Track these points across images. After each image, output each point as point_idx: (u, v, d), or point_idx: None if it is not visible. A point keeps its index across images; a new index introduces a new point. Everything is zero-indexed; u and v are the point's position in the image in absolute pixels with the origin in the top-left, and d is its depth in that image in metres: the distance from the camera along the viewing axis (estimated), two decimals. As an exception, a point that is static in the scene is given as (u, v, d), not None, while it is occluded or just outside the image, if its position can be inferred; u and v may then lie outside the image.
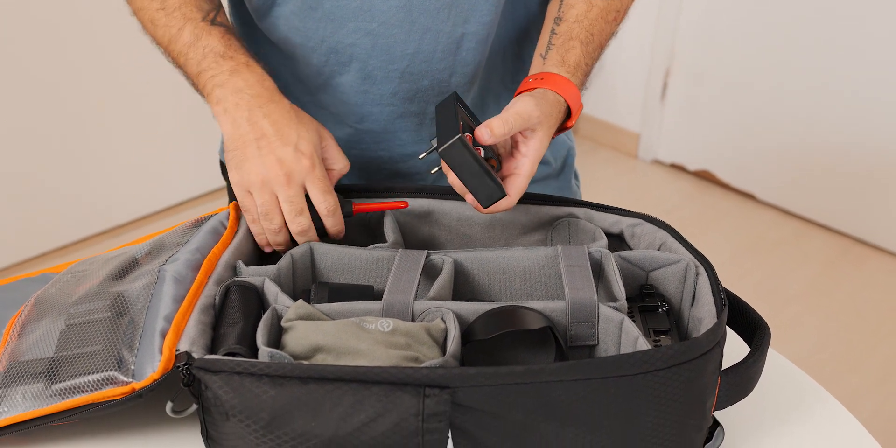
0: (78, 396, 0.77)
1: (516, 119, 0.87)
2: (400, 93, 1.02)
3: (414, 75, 1.01)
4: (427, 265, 0.89)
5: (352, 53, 0.99)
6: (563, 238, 0.97)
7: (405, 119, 1.05)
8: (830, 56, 2.52)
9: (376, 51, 0.99)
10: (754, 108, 2.75)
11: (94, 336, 0.81)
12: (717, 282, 0.84)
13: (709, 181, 2.95)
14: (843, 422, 0.89)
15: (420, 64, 1.00)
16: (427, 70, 1.01)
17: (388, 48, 0.98)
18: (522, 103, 0.89)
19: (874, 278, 2.52)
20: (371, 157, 1.09)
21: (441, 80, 1.02)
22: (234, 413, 0.72)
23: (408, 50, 0.99)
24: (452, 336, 0.78)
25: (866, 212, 2.61)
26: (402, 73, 1.01)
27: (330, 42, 0.99)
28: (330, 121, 1.06)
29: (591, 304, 0.82)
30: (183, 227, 0.94)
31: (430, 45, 0.99)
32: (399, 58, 0.99)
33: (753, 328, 0.85)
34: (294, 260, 0.90)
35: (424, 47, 0.99)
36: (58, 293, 0.91)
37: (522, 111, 0.88)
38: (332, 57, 1.00)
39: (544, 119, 0.90)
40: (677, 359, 0.72)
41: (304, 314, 0.80)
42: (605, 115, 3.13)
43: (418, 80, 1.01)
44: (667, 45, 2.87)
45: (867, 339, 2.30)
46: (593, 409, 0.72)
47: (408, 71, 1.01)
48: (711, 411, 0.79)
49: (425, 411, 0.71)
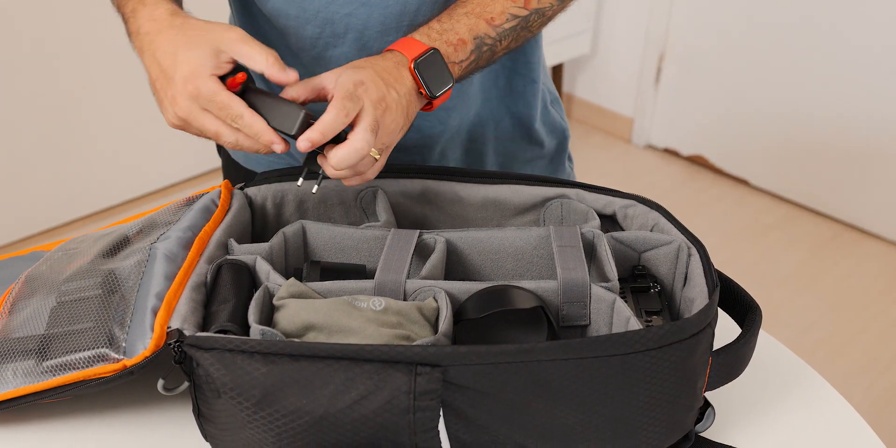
0: (69, 373, 0.77)
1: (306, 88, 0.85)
2: None
3: None
4: (419, 245, 0.88)
5: (347, 24, 0.99)
6: (555, 218, 0.97)
7: None
8: (823, 42, 2.52)
9: (372, 21, 0.98)
10: (748, 94, 2.75)
11: (86, 313, 0.81)
12: (708, 263, 0.84)
13: (701, 166, 2.95)
14: (833, 403, 0.89)
15: None
16: None
17: (383, 18, 0.98)
18: None
19: (864, 263, 2.53)
20: None
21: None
22: (226, 390, 0.72)
23: (403, 21, 0.98)
24: (444, 315, 0.78)
25: (857, 197, 2.62)
26: None
27: (325, 13, 0.98)
28: None
29: (583, 284, 0.82)
30: (174, 205, 0.94)
31: (426, 15, 0.98)
32: (395, 29, 0.99)
33: (745, 309, 0.85)
34: (286, 238, 0.89)
35: (420, 20, 0.98)
36: (48, 271, 0.90)
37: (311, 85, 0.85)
38: (328, 28, 0.99)
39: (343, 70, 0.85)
40: (668, 339, 0.73)
41: (296, 292, 0.80)
42: (598, 99, 3.13)
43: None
44: (661, 30, 2.86)
45: (856, 322, 2.31)
46: (584, 389, 0.73)
47: None
48: (702, 392, 0.79)
49: (417, 389, 0.71)
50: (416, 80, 0.88)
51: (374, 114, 0.82)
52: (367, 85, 0.83)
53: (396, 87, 0.86)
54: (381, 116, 0.83)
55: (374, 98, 0.83)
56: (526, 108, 1.13)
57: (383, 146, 0.85)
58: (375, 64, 0.87)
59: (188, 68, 0.82)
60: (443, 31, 0.92)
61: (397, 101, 0.85)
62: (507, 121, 1.13)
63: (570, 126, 3.14)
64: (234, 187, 0.97)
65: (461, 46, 0.92)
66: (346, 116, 0.81)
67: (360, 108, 0.82)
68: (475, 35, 0.93)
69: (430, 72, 0.89)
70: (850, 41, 2.47)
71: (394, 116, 0.85)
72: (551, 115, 1.18)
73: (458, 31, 0.92)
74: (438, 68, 0.89)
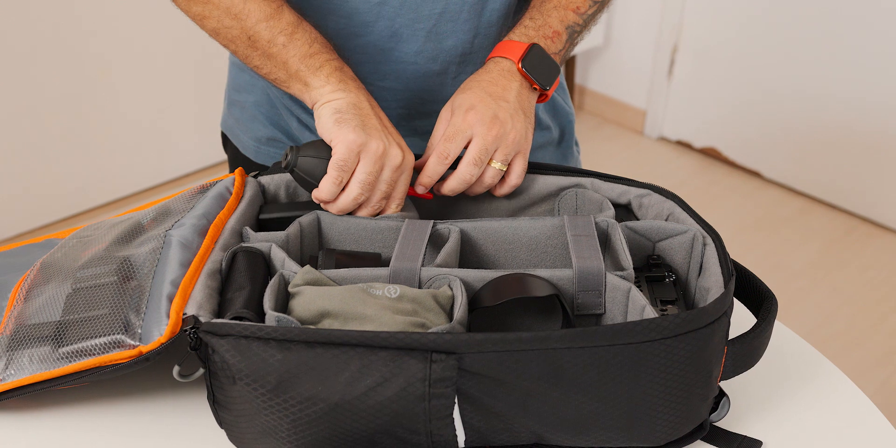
0: (85, 360, 0.77)
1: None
2: (424, 52, 1.02)
3: (439, 35, 1.01)
4: (433, 234, 0.88)
5: (379, 12, 0.99)
6: (570, 208, 0.97)
7: (427, 78, 1.05)
8: (838, 33, 2.50)
9: (404, 9, 0.99)
10: (761, 86, 2.73)
11: (101, 300, 0.81)
12: (724, 252, 0.83)
13: (714, 158, 2.94)
14: (849, 394, 0.89)
15: (446, 23, 1.01)
16: (452, 30, 1.01)
17: (416, 6, 0.98)
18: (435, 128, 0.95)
19: (879, 256, 2.52)
20: (390, 115, 1.08)
21: (465, 40, 1.03)
22: (241, 377, 0.72)
23: (435, 9, 0.99)
24: (459, 302, 0.78)
25: (872, 190, 2.61)
26: (429, 32, 1.01)
27: (353, 3, 0.98)
28: None
29: (599, 273, 0.81)
30: (188, 192, 0.94)
31: (457, 5, 1.00)
32: (427, 17, 1.00)
33: (760, 299, 0.85)
34: (302, 227, 0.89)
35: (451, 7, 0.99)
36: (63, 258, 0.91)
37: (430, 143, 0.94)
38: (355, 18, 1.00)
39: (463, 102, 0.92)
40: (684, 327, 0.72)
41: (312, 280, 0.80)
42: (611, 91, 3.12)
43: (443, 39, 1.02)
44: (674, 22, 2.85)
45: (871, 315, 2.30)
46: (599, 377, 0.72)
47: (434, 30, 1.01)
48: (717, 381, 0.79)
49: (432, 376, 0.71)
50: (528, 78, 0.95)
51: (481, 144, 0.90)
52: (478, 107, 0.91)
53: (505, 96, 0.93)
54: (495, 137, 0.91)
55: (488, 120, 0.90)
56: None
57: (506, 157, 0.92)
58: (481, 80, 0.95)
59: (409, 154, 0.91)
60: (538, 28, 0.98)
61: (510, 109, 0.93)
62: None
63: (583, 118, 3.14)
64: (248, 175, 0.97)
65: (557, 38, 0.99)
66: (446, 159, 0.91)
67: (467, 140, 0.91)
68: (567, 25, 1.00)
69: (537, 67, 0.96)
70: (865, 32, 2.46)
71: (511, 125, 0.92)
72: (555, 101, 1.18)
73: (551, 25, 0.99)
74: (543, 61, 0.96)
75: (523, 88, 0.95)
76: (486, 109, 0.91)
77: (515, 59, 0.95)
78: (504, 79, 0.94)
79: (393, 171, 0.89)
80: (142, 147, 2.55)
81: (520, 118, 0.93)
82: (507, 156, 0.92)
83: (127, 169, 2.55)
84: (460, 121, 0.91)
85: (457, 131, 0.91)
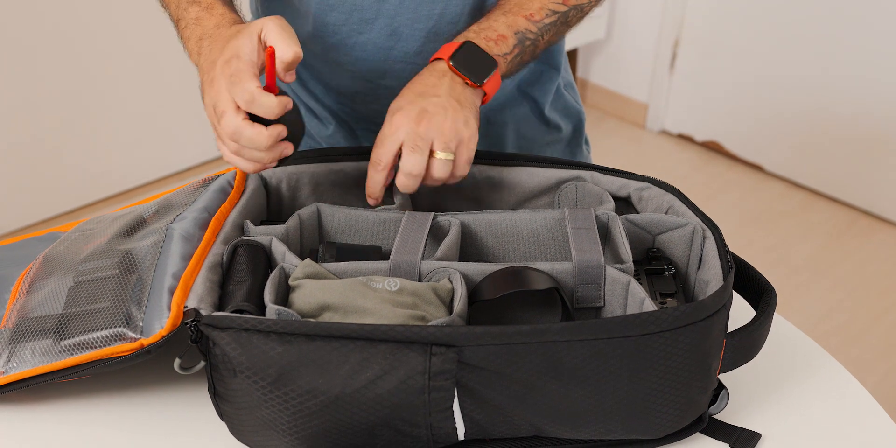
0: (86, 352, 0.77)
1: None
2: (424, 52, 1.02)
3: (439, 35, 1.01)
4: (434, 227, 0.89)
5: (379, 9, 0.99)
6: (570, 201, 0.97)
7: None
8: (840, 28, 2.50)
9: (403, 9, 0.98)
10: (763, 80, 2.73)
11: (103, 293, 0.81)
12: (723, 245, 0.83)
13: (716, 152, 2.94)
14: (849, 388, 0.89)
15: (446, 25, 1.00)
16: (452, 31, 1.01)
17: (415, 6, 0.98)
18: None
19: (881, 250, 2.52)
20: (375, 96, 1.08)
21: None
22: (242, 369, 0.72)
23: (435, 10, 0.99)
24: (459, 296, 0.78)
25: (875, 184, 2.60)
26: (428, 32, 1.00)
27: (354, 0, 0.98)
28: (346, 77, 1.06)
29: (598, 266, 0.82)
30: (190, 186, 0.94)
31: (458, 6, 0.99)
32: (426, 17, 0.99)
33: (760, 292, 0.85)
34: (301, 220, 0.90)
35: (451, 9, 0.99)
36: (65, 251, 0.91)
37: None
38: (356, 15, 0.99)
39: (394, 109, 0.90)
40: (683, 320, 0.73)
41: (312, 273, 0.80)
42: (613, 84, 3.11)
43: (443, 41, 1.01)
44: (676, 15, 2.84)
45: (873, 309, 2.30)
46: (598, 370, 0.73)
47: (433, 31, 1.00)
48: (716, 374, 0.79)
49: (431, 369, 0.71)
50: (458, 74, 0.91)
51: (413, 133, 0.87)
52: (405, 108, 0.89)
53: (435, 92, 0.89)
54: (426, 127, 0.87)
55: (414, 115, 0.87)
56: (542, 94, 1.14)
57: (447, 146, 0.88)
58: (412, 83, 0.92)
59: (230, 52, 0.83)
60: (479, 31, 0.95)
61: (441, 103, 0.89)
62: (524, 106, 1.13)
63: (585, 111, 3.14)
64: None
65: (502, 41, 0.94)
66: (378, 165, 0.89)
67: (399, 142, 0.88)
68: (515, 30, 0.95)
69: (467, 62, 0.92)
70: (868, 26, 2.45)
71: (444, 116, 0.88)
72: (565, 99, 1.18)
73: (495, 28, 0.95)
74: (475, 57, 0.92)
75: (455, 84, 0.91)
76: (412, 108, 0.88)
77: (446, 56, 0.92)
78: (433, 77, 0.91)
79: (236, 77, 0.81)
80: (143, 141, 2.55)
81: (454, 109, 0.89)
82: (448, 144, 0.88)
83: (129, 163, 2.55)
84: (387, 126, 0.89)
85: (384, 136, 0.89)
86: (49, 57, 2.27)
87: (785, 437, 0.83)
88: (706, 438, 0.82)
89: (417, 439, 0.75)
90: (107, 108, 2.43)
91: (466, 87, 0.91)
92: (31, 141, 2.34)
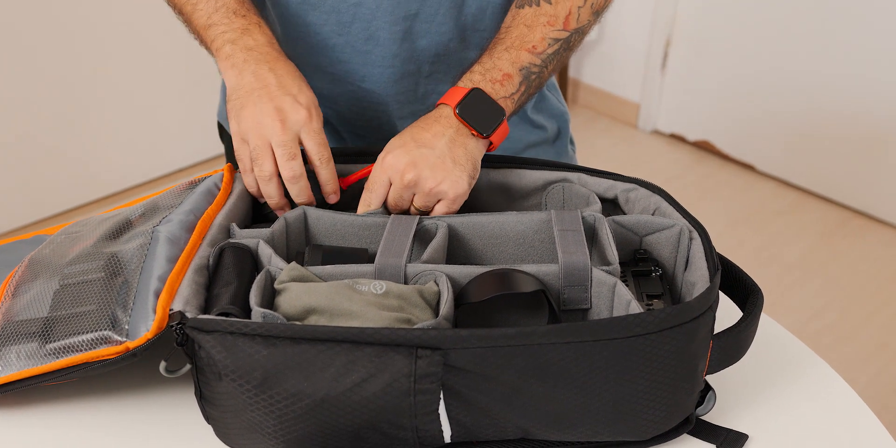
0: (72, 355, 0.77)
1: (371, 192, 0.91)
2: (400, 55, 1.02)
3: (413, 35, 1.01)
4: (420, 230, 0.88)
5: (355, 14, 0.99)
6: (557, 203, 0.97)
7: (404, 79, 1.05)
8: (832, 27, 2.50)
9: (381, 11, 0.98)
10: (755, 79, 2.73)
11: (88, 296, 0.81)
12: (710, 246, 0.83)
13: (708, 152, 2.94)
14: (836, 388, 0.89)
15: (421, 24, 1.00)
16: (427, 31, 1.00)
17: (392, 9, 0.98)
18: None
19: (872, 250, 2.52)
20: (370, 116, 1.08)
21: (440, 42, 1.02)
22: (227, 373, 0.72)
23: (411, 10, 0.98)
24: (445, 298, 0.78)
25: (866, 183, 2.61)
26: (405, 33, 1.00)
27: (332, 1, 0.98)
28: (327, 80, 1.06)
29: (584, 268, 0.82)
30: (177, 188, 0.94)
31: (433, 6, 0.98)
32: (403, 18, 0.99)
33: (746, 293, 0.85)
34: (288, 224, 0.90)
35: (427, 9, 0.98)
36: (51, 254, 0.91)
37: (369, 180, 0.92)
38: (333, 17, 0.99)
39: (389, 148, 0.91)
40: (669, 322, 0.73)
41: (298, 276, 0.80)
42: (604, 84, 3.12)
43: (417, 39, 1.01)
44: (668, 15, 2.84)
45: (863, 309, 2.31)
46: (585, 372, 0.73)
47: (409, 31, 1.00)
48: (703, 375, 0.79)
49: (417, 372, 0.71)
50: (464, 124, 0.91)
51: (394, 193, 0.89)
52: (396, 152, 0.89)
53: (432, 144, 0.89)
54: (407, 184, 0.88)
55: (402, 166, 0.88)
56: None
57: (424, 204, 0.90)
58: (415, 125, 0.92)
59: (308, 99, 0.90)
60: (485, 72, 0.94)
61: (433, 157, 0.89)
62: None
63: (576, 112, 3.14)
64: (237, 170, 0.97)
65: (507, 80, 0.94)
66: (369, 207, 0.90)
67: (386, 186, 0.90)
68: (520, 67, 0.95)
69: (474, 112, 0.92)
70: (859, 26, 2.46)
71: (429, 174, 0.88)
72: (548, 101, 1.18)
73: (500, 68, 0.94)
74: (482, 106, 0.92)
75: (459, 136, 0.91)
76: (403, 155, 0.89)
77: (453, 104, 0.91)
78: (439, 125, 0.91)
79: (280, 136, 0.88)
80: (136, 143, 2.55)
81: (445, 167, 0.89)
82: (426, 203, 0.90)
83: (121, 164, 2.55)
84: (378, 169, 0.90)
85: (374, 180, 0.90)
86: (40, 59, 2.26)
87: (772, 438, 0.83)
88: (693, 440, 0.82)
89: (404, 442, 0.75)
90: (99, 111, 2.43)
91: (470, 139, 0.91)
92: (23, 143, 2.33)
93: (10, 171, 2.33)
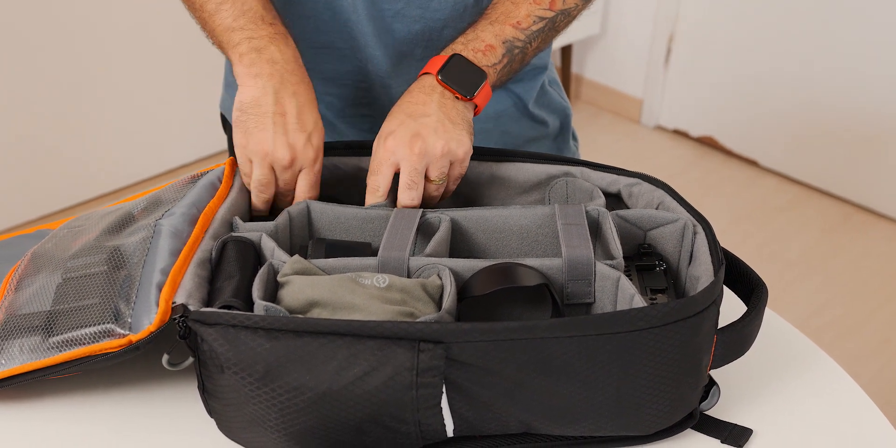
0: (75, 349, 0.77)
1: None
2: (385, 54, 1.03)
3: (407, 18, 1.01)
4: (424, 224, 0.88)
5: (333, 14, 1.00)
6: (560, 197, 0.97)
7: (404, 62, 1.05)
8: (835, 22, 2.50)
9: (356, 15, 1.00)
10: (758, 75, 2.73)
11: (91, 289, 0.81)
12: (714, 241, 0.83)
13: (711, 147, 2.94)
14: (841, 383, 0.89)
15: (415, 9, 1.01)
16: (421, 16, 1.01)
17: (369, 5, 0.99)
18: None
19: (875, 245, 2.52)
20: (374, 96, 1.09)
21: (433, 28, 1.02)
22: (230, 365, 0.72)
23: (394, 7, 0.99)
24: (448, 292, 0.78)
25: (869, 179, 2.61)
26: (396, 13, 1.01)
27: None
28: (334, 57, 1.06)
29: (588, 262, 0.81)
30: (179, 182, 0.94)
31: (441, 12, 1.00)
32: (378, 17, 1.00)
33: (751, 287, 0.84)
34: (291, 217, 0.89)
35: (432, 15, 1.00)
36: (54, 248, 0.91)
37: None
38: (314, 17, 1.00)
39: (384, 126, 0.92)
40: (673, 316, 0.72)
41: (300, 269, 0.80)
42: (607, 80, 3.11)
43: (412, 23, 1.02)
44: (671, 10, 2.84)
45: (867, 304, 2.31)
46: (588, 366, 0.73)
47: (401, 13, 1.01)
48: (707, 370, 0.79)
49: (420, 366, 0.71)
50: (448, 88, 0.91)
51: (409, 167, 0.88)
52: (396, 131, 0.89)
53: (425, 112, 0.90)
54: (420, 155, 0.88)
55: (407, 140, 0.88)
56: (525, 91, 1.13)
57: (441, 171, 0.90)
58: (401, 102, 0.92)
59: (319, 140, 0.91)
60: (467, 42, 0.95)
61: (433, 123, 0.89)
62: (507, 101, 1.13)
63: (579, 107, 3.13)
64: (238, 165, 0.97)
65: (490, 51, 0.94)
66: (377, 192, 0.90)
67: (394, 166, 0.89)
68: (503, 40, 0.95)
69: (456, 76, 0.92)
70: (862, 21, 2.45)
71: (436, 138, 0.88)
72: (550, 95, 1.18)
73: (483, 39, 0.95)
74: (463, 69, 0.93)
75: (445, 99, 0.91)
76: (405, 131, 0.89)
77: (434, 71, 0.92)
78: (423, 94, 0.91)
79: (283, 171, 0.90)
80: (138, 138, 2.54)
81: (446, 128, 0.90)
82: (442, 168, 0.90)
83: (124, 160, 2.55)
84: (381, 150, 0.90)
85: (380, 162, 0.90)
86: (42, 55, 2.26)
87: (776, 433, 0.83)
88: (697, 434, 0.82)
89: (406, 436, 0.75)
90: (102, 106, 2.43)
91: (457, 102, 0.92)
92: (26, 139, 2.33)
93: (11, 168, 2.33)
